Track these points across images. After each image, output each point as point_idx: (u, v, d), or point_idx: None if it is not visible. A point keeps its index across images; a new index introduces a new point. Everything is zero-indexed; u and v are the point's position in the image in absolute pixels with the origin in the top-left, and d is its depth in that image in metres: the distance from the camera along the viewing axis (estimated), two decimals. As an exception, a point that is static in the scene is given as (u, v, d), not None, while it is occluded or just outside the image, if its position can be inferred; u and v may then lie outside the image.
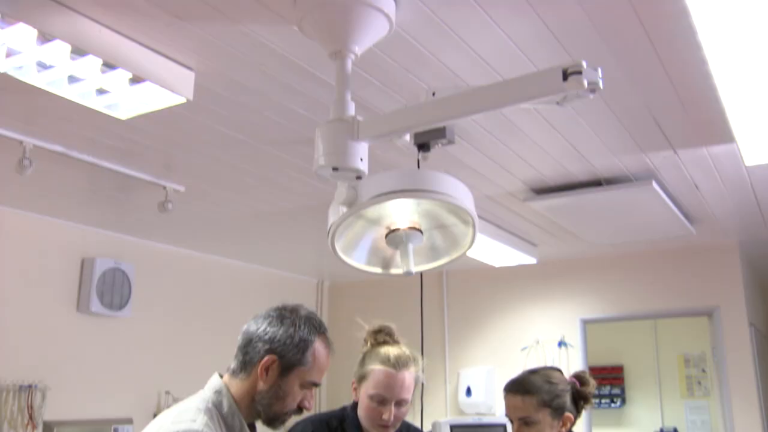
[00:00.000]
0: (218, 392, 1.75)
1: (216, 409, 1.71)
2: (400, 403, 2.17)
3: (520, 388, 2.18)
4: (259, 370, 1.71)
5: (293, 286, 6.20)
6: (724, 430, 5.24)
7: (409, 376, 2.17)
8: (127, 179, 3.61)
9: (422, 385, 2.33)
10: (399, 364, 2.16)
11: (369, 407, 2.17)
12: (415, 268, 1.95)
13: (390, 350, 2.20)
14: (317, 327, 1.79)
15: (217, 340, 1.90)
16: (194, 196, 3.99)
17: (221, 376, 1.79)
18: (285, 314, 1.77)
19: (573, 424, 2.19)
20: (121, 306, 4.64)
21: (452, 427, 2.94)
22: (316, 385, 1.78)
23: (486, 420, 3.08)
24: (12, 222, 4.23)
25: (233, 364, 1.79)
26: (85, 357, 4.51)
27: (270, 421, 1.76)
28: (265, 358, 1.71)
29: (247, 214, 4.40)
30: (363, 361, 2.25)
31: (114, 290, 4.61)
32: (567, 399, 2.17)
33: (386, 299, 6.24)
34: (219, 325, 5.21)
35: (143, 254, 4.97)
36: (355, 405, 2.29)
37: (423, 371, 2.29)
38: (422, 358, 2.28)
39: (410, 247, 1.89)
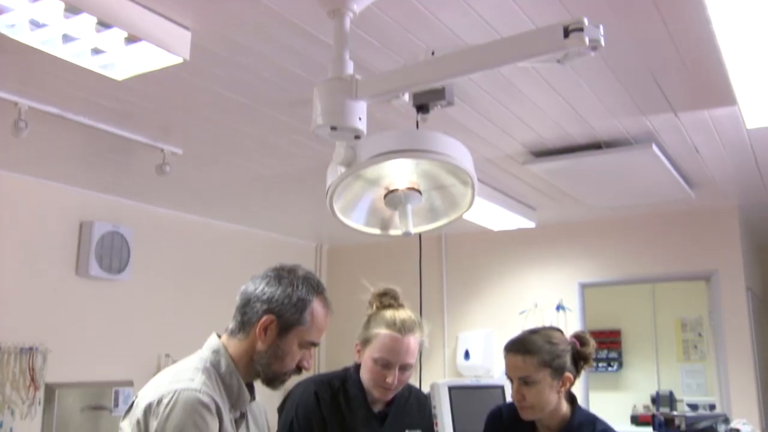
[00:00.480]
0: (216, 352, 1.75)
1: (214, 369, 1.71)
2: (404, 368, 2.17)
3: (520, 347, 2.18)
4: (257, 330, 1.71)
5: (292, 250, 6.20)
6: (719, 393, 5.29)
7: (414, 340, 2.17)
8: (125, 142, 3.58)
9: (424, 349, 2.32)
10: (405, 328, 2.15)
11: (373, 370, 2.16)
12: (414, 229, 1.94)
13: (396, 314, 2.18)
14: (315, 286, 1.78)
15: (216, 304, 1.91)
16: (192, 160, 3.96)
17: (219, 337, 1.79)
18: (283, 274, 1.77)
19: (573, 384, 2.20)
20: (120, 270, 4.65)
21: (450, 389, 2.94)
22: (314, 344, 1.78)
23: (484, 382, 3.09)
24: (9, 185, 4.21)
25: (231, 325, 1.78)
26: (85, 320, 4.53)
27: (269, 381, 1.76)
28: (263, 318, 1.71)
29: (245, 177, 4.38)
30: (368, 324, 2.22)
31: (113, 254, 4.61)
32: (567, 359, 2.18)
33: (385, 263, 6.26)
34: (218, 289, 5.21)
35: (142, 218, 4.96)
36: (357, 366, 2.29)
37: (427, 336, 2.28)
38: (426, 324, 2.27)
39: (409, 207, 1.88)
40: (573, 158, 3.87)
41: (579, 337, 2.25)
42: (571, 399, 2.24)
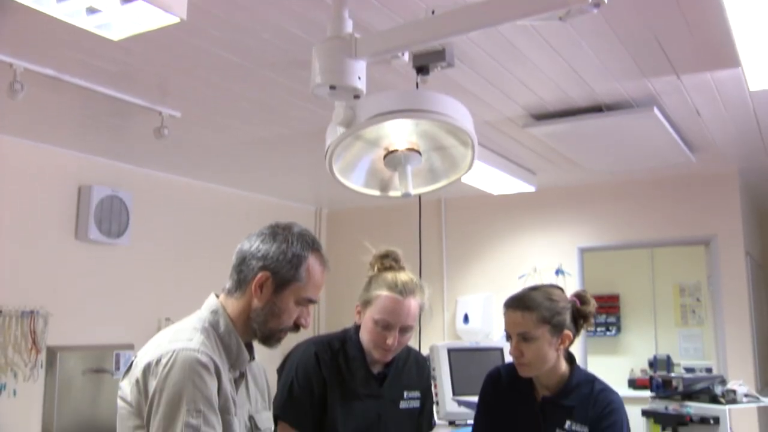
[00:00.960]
0: (215, 312, 1.75)
1: (213, 329, 1.71)
2: (404, 330, 2.16)
3: (520, 303, 2.18)
4: (253, 288, 1.70)
5: (291, 214, 6.19)
6: (716, 356, 5.32)
7: (414, 303, 2.16)
8: (122, 105, 3.56)
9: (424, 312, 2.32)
10: (406, 290, 2.15)
11: (374, 332, 2.16)
12: (414, 190, 1.93)
13: (397, 276, 2.17)
14: (311, 243, 1.77)
15: (216, 267, 1.91)
16: (190, 123, 3.94)
17: (217, 296, 1.79)
18: (278, 231, 1.76)
19: (572, 342, 2.20)
20: (120, 234, 4.64)
21: (450, 351, 2.96)
22: (312, 301, 1.77)
23: (483, 344, 3.11)
24: (6, 149, 4.19)
25: (228, 284, 1.78)
26: (85, 284, 4.54)
27: (265, 339, 1.76)
28: (259, 275, 1.70)
29: (244, 140, 4.36)
30: (369, 286, 2.21)
31: (112, 218, 4.60)
32: (567, 317, 2.18)
33: (385, 227, 6.26)
34: (217, 253, 5.21)
35: (141, 182, 4.95)
36: (357, 328, 2.29)
37: (428, 299, 2.28)
38: (427, 287, 2.26)
39: (408, 168, 1.86)
40: (574, 121, 3.84)
41: (579, 296, 2.25)
42: (570, 359, 2.24)
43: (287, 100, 3.64)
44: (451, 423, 3.08)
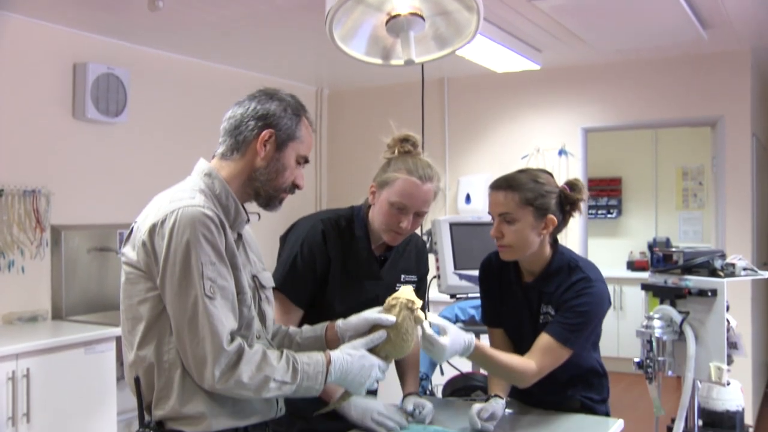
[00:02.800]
0: (209, 175, 1.74)
1: (209, 191, 1.72)
2: (418, 214, 2.16)
3: (504, 183, 2.15)
4: (257, 145, 1.72)
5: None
6: (715, 238, 5.37)
7: (431, 189, 2.15)
8: (113, -25, 3.42)
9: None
10: (425, 176, 2.12)
11: (388, 213, 2.14)
12: (417, 59, 1.88)
13: (418, 161, 2.15)
14: (301, 105, 1.81)
15: (216, 144, 1.90)
16: (185, -5, 3.80)
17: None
18: (270, 93, 1.78)
19: (557, 228, 2.17)
20: (118, 112, 4.58)
21: (452, 225, 2.97)
22: (306, 161, 1.82)
23: (485, 218, 3.12)
24: (-3, 23, 4.07)
25: (221, 149, 1.78)
26: (85, 163, 4.52)
27: (268, 200, 1.78)
28: (263, 133, 1.72)
29: (242, 14, 4.22)
30: (387, 167, 2.17)
31: (109, 96, 4.52)
32: (552, 201, 2.13)
33: (387, 107, 6.18)
34: (217, 131, 5.17)
35: (137, 60, 4.84)
36: (367, 207, 2.27)
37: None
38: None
39: (411, 34, 1.81)
40: (583, -6, 3.71)
41: (570, 184, 2.20)
42: (553, 244, 2.22)
43: (285, -29, 3.49)
44: (453, 296, 3.13)
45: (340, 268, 2.22)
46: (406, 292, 1.87)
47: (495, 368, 2.07)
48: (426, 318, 1.88)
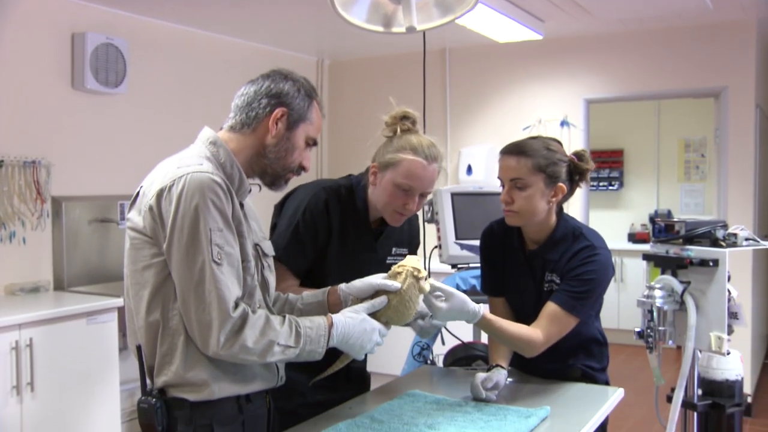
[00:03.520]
0: (214, 143, 1.74)
1: (215, 159, 1.71)
2: (424, 195, 2.13)
3: (516, 149, 2.14)
4: (270, 123, 1.73)
5: (292, 64, 5.95)
6: (717, 209, 5.36)
7: (437, 169, 2.12)
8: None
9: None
10: (431, 156, 2.09)
11: (394, 194, 2.10)
12: (419, 26, 1.86)
13: (422, 141, 2.10)
14: (313, 88, 1.83)
15: (216, 114, 1.88)
16: (184, -37, 3.75)
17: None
18: (285, 73, 1.80)
19: (565, 197, 2.16)
20: (117, 83, 4.55)
21: (453, 195, 2.96)
22: (315, 143, 1.83)
23: (486, 188, 3.11)
24: (-6, -8, 4.03)
25: (231, 122, 1.78)
26: (85, 134, 4.50)
27: (275, 178, 1.79)
28: (276, 110, 1.73)
29: (241, -16, 4.17)
30: (389, 147, 2.12)
31: (108, 67, 4.49)
32: (563, 169, 2.13)
33: (388, 78, 6.14)
34: (217, 102, 5.13)
35: (136, 30, 4.79)
36: (363, 181, 2.23)
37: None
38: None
39: (413, 0, 1.78)
40: (587, -39, 3.66)
41: (578, 154, 2.20)
42: (558, 211, 2.21)
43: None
44: (454, 266, 3.13)
45: (339, 238, 2.20)
46: (412, 261, 1.87)
47: (502, 337, 2.08)
48: (429, 284, 1.88)
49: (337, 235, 2.19)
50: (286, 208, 2.23)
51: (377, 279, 1.86)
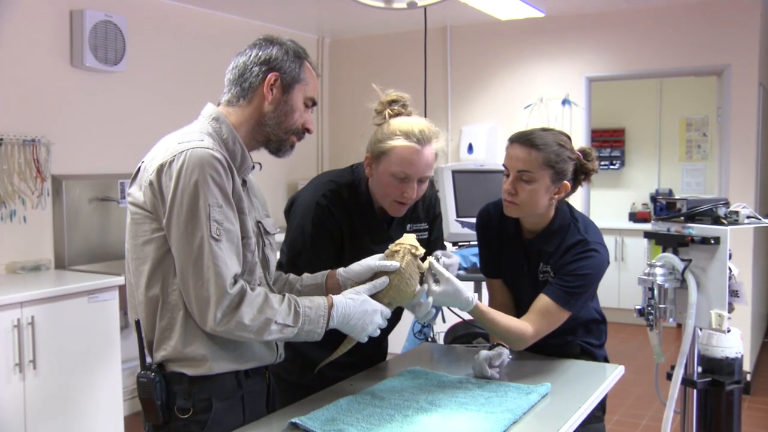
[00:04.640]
0: (216, 119, 1.74)
1: (217, 135, 1.70)
2: (422, 180, 2.03)
3: (529, 140, 2.07)
4: (264, 90, 1.73)
5: (293, 44, 6.01)
6: (718, 188, 5.35)
7: (432, 151, 2.01)
8: None
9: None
10: (424, 139, 1.97)
11: (390, 184, 2.01)
12: (420, 2, 1.84)
13: (413, 124, 1.99)
14: (302, 49, 1.81)
15: (215, 94, 1.86)
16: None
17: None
18: (270, 38, 1.79)
19: (567, 195, 2.15)
20: (116, 61, 4.52)
21: (454, 173, 2.95)
22: (315, 103, 1.82)
23: (487, 166, 3.10)
24: (-8, -32, 3.99)
25: (227, 96, 1.78)
26: (84, 112, 4.48)
27: (280, 143, 1.78)
28: (269, 76, 1.73)
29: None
30: (381, 135, 2.01)
31: (107, 44, 4.46)
32: (570, 167, 2.10)
33: (389, 56, 6.11)
34: (216, 80, 5.11)
35: (135, 6, 4.76)
36: (362, 173, 2.13)
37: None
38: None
39: (414, -26, 1.76)
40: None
41: (584, 152, 2.16)
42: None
43: None
44: (455, 244, 3.13)
45: (351, 237, 2.14)
46: (409, 239, 1.85)
47: (493, 329, 2.06)
48: (429, 263, 1.86)
49: (348, 234, 2.13)
50: (293, 215, 2.17)
51: (375, 260, 1.84)
